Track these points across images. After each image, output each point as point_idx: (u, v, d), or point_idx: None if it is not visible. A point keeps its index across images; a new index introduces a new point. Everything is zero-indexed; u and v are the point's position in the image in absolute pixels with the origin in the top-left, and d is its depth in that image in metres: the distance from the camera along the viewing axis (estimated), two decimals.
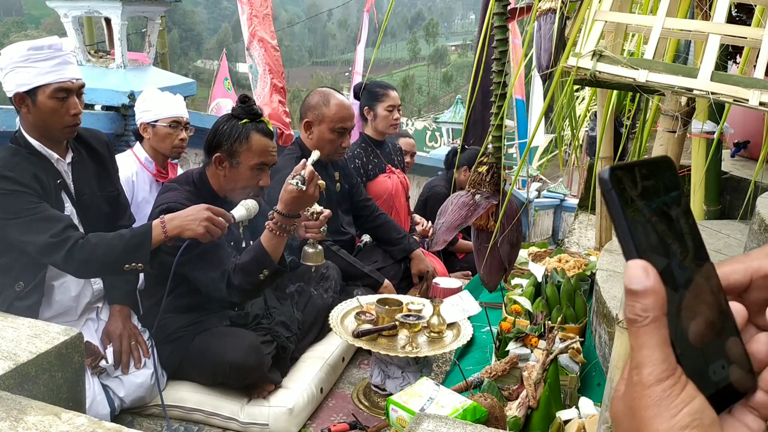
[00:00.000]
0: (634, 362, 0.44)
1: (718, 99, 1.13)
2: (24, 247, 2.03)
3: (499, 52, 1.44)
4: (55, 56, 2.12)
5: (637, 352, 0.43)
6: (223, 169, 2.32)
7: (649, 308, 0.43)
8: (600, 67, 1.17)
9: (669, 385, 0.42)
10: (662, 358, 0.42)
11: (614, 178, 0.44)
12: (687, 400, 0.42)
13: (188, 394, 2.32)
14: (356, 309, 2.50)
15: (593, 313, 2.37)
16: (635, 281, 0.43)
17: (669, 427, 0.41)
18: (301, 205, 2.17)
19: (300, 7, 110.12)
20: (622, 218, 0.44)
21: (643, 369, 0.43)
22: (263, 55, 4.07)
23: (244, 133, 2.27)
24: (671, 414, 0.42)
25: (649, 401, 0.42)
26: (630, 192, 0.45)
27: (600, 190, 0.45)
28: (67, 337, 1.68)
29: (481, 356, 2.42)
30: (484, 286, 1.58)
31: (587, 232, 3.95)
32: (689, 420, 0.41)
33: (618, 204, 0.44)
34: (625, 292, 0.44)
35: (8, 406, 1.38)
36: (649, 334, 0.43)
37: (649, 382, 0.42)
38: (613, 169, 0.45)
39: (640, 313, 0.43)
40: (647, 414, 0.42)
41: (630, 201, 0.44)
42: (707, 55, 1.15)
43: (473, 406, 1.66)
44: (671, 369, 0.42)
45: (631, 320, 0.43)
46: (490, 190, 1.45)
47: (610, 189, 0.44)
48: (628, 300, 0.44)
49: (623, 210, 0.44)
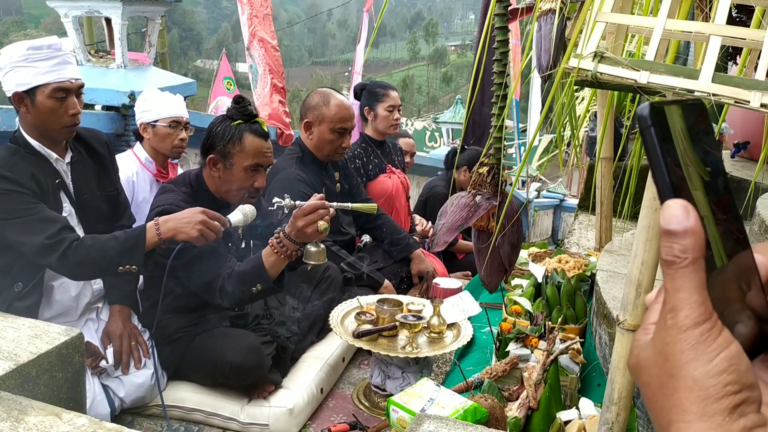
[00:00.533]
0: (669, 305, 0.42)
1: (719, 100, 1.13)
2: (20, 248, 2.03)
3: (500, 53, 1.44)
4: (54, 56, 2.11)
5: (674, 295, 0.42)
6: (217, 171, 2.31)
7: (689, 249, 0.41)
8: (601, 69, 1.17)
9: (706, 329, 0.41)
10: (700, 301, 0.41)
11: (654, 114, 0.43)
12: (724, 344, 0.41)
13: (188, 394, 2.32)
14: (356, 309, 2.50)
15: (593, 314, 2.37)
16: (674, 221, 0.42)
17: (706, 371, 0.40)
18: (310, 237, 2.15)
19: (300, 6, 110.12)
20: (659, 157, 0.43)
21: (679, 312, 0.41)
22: (263, 55, 4.07)
23: (238, 135, 2.26)
24: (708, 358, 0.40)
25: (684, 345, 0.41)
26: (669, 131, 0.43)
27: (638, 125, 0.44)
28: (68, 337, 1.68)
29: (481, 357, 2.42)
30: (485, 286, 1.58)
31: (587, 233, 3.95)
32: (726, 365, 0.40)
33: (656, 141, 0.43)
34: (661, 234, 0.42)
35: (9, 406, 1.38)
36: (687, 276, 0.41)
37: (686, 326, 0.41)
38: (653, 105, 0.43)
39: (679, 254, 0.41)
40: (682, 358, 0.41)
41: (668, 141, 0.43)
42: (708, 57, 1.15)
43: (474, 407, 1.66)
44: (708, 313, 0.41)
45: (669, 262, 0.42)
46: (490, 191, 1.45)
47: (650, 126, 0.43)
48: (665, 241, 0.42)
49: (661, 149, 0.43)
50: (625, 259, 2.45)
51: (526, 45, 1.62)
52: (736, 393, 0.40)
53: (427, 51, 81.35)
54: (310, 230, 2.11)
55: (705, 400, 0.40)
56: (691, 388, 0.40)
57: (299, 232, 2.12)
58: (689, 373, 0.41)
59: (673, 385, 0.41)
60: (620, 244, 2.67)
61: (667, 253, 0.42)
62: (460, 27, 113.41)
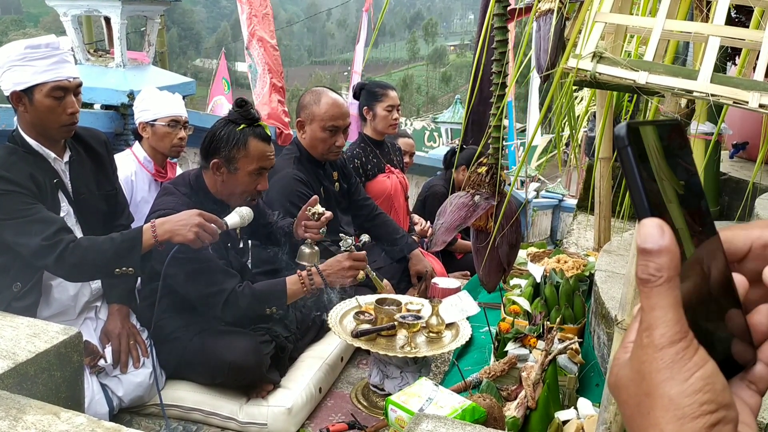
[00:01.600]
0: (645, 324, 0.42)
1: (718, 101, 1.13)
2: (17, 249, 2.03)
3: (498, 53, 1.44)
4: (52, 55, 2.11)
5: (649, 314, 0.42)
6: (220, 175, 2.31)
7: (663, 268, 0.41)
8: (600, 69, 1.18)
9: (682, 348, 0.41)
10: (675, 320, 0.41)
11: (630, 134, 0.44)
12: (700, 363, 0.41)
13: (187, 393, 2.32)
14: (355, 309, 2.50)
15: (592, 314, 2.37)
16: (650, 240, 0.42)
17: (681, 390, 0.40)
18: (343, 279, 2.32)
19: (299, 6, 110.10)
20: (636, 175, 0.43)
21: (654, 330, 0.41)
22: (262, 55, 4.07)
23: (242, 140, 2.26)
24: (684, 377, 0.40)
25: (660, 364, 0.41)
26: (644, 150, 0.44)
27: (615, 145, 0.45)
28: (67, 336, 1.68)
29: (479, 356, 2.42)
30: (483, 286, 1.58)
31: (586, 233, 3.95)
32: (702, 384, 0.40)
33: (632, 161, 0.43)
34: (638, 252, 0.43)
35: (7, 405, 1.37)
36: (662, 294, 0.41)
37: (662, 344, 0.41)
38: (629, 126, 0.44)
39: (654, 272, 0.42)
40: (658, 377, 0.41)
41: (644, 159, 0.44)
42: (707, 57, 1.15)
43: (472, 407, 1.66)
44: (684, 331, 0.41)
45: (644, 280, 0.42)
46: (489, 191, 1.45)
47: (626, 146, 0.43)
48: (641, 259, 0.42)
49: (637, 167, 0.43)
50: (624, 259, 2.45)
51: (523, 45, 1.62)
52: (712, 412, 0.40)
53: (426, 51, 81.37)
54: (350, 273, 2.31)
55: (681, 419, 0.40)
56: (667, 408, 0.40)
57: (341, 272, 2.31)
58: (665, 392, 0.41)
59: (649, 403, 0.41)
60: (619, 244, 2.67)
61: (643, 271, 0.42)
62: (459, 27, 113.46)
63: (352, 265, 2.33)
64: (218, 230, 2.11)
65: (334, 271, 2.32)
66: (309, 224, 2.46)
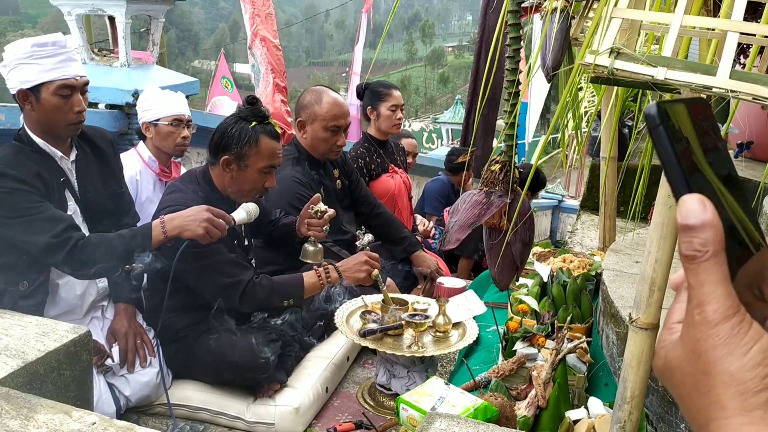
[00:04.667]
0: (696, 301, 0.41)
1: (737, 97, 1.13)
2: (25, 247, 2.02)
3: (512, 50, 1.43)
4: (59, 53, 2.10)
5: (698, 290, 0.41)
6: (230, 171, 2.31)
7: (709, 242, 0.41)
8: (618, 65, 1.17)
9: (737, 322, 0.40)
10: (726, 294, 0.41)
11: (661, 113, 0.44)
12: (756, 337, 0.40)
13: (194, 393, 2.31)
14: (361, 308, 2.49)
15: (600, 313, 2.37)
16: (692, 215, 0.41)
17: (741, 365, 0.39)
18: (359, 276, 2.41)
19: (297, 7, 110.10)
20: (671, 153, 0.43)
21: (706, 306, 0.41)
22: (265, 54, 4.06)
23: (254, 137, 2.26)
24: (742, 352, 0.40)
25: (717, 340, 0.40)
26: (675, 128, 0.44)
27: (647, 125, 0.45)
28: (76, 335, 1.67)
29: (487, 356, 2.41)
30: (496, 285, 1.57)
31: (589, 233, 3.95)
32: (761, 357, 0.39)
33: (666, 139, 0.43)
34: (680, 229, 0.42)
35: (18, 404, 1.37)
36: (710, 270, 0.41)
37: (716, 320, 0.40)
38: (659, 105, 0.44)
39: (699, 248, 0.41)
40: (715, 354, 0.40)
41: (676, 137, 0.44)
42: (726, 53, 1.14)
43: (484, 405, 1.65)
44: (736, 305, 0.41)
45: (690, 257, 0.42)
46: (502, 189, 1.45)
47: (658, 124, 0.44)
48: (685, 236, 0.42)
49: (672, 145, 0.43)
50: (632, 258, 2.45)
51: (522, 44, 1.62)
52: None
53: (424, 52, 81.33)
54: (365, 269, 2.40)
55: (744, 395, 0.39)
56: (728, 384, 0.40)
57: (356, 266, 2.40)
58: (724, 368, 0.40)
59: (708, 382, 0.41)
60: (626, 243, 2.67)
61: (688, 248, 0.42)
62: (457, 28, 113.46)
63: (368, 261, 2.42)
64: (226, 225, 2.11)
65: (351, 266, 2.41)
66: (312, 222, 2.46)
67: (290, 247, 2.57)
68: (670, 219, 1.30)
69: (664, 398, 1.75)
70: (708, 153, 0.44)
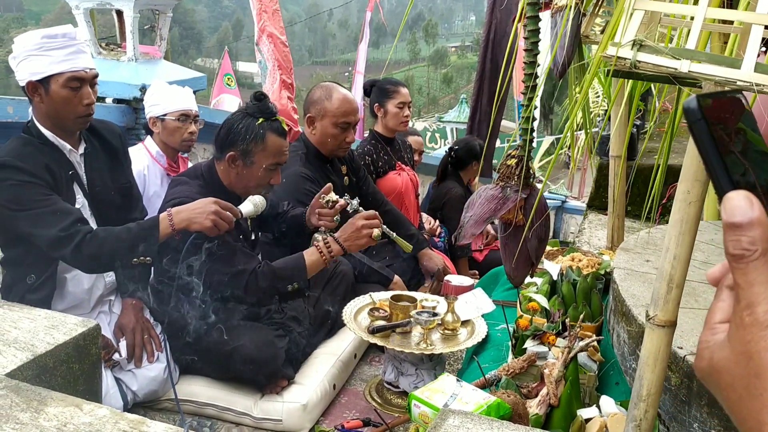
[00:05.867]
0: (745, 301, 0.40)
1: (762, 91, 1.11)
2: (33, 240, 2.00)
3: (530, 43, 1.42)
4: (69, 45, 2.09)
5: (748, 290, 0.40)
6: (236, 168, 2.29)
7: (757, 240, 0.39)
8: (640, 57, 1.15)
9: None
10: None
11: (702, 107, 0.42)
12: None
13: (201, 388, 2.30)
14: (369, 305, 2.48)
15: (610, 312, 2.35)
16: (738, 213, 0.40)
17: None
18: (361, 242, 2.29)
19: (300, 6, 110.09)
20: (713, 149, 0.42)
21: (757, 307, 0.39)
22: (272, 51, 4.05)
23: (261, 134, 2.24)
24: None
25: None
26: (717, 122, 0.42)
27: (686, 120, 0.43)
28: (85, 328, 1.66)
29: (496, 354, 2.39)
30: (510, 281, 1.56)
31: (597, 232, 3.94)
32: None
33: (708, 134, 0.42)
34: (725, 227, 0.40)
35: (28, 397, 1.35)
36: (759, 269, 0.39)
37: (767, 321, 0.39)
38: (699, 98, 0.42)
39: (748, 246, 0.39)
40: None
41: (718, 132, 0.42)
42: (750, 46, 1.13)
43: (497, 403, 1.64)
44: None
45: (738, 256, 0.40)
46: (518, 184, 1.43)
47: (700, 119, 0.42)
48: (731, 235, 0.40)
49: (714, 140, 0.42)
50: (642, 257, 2.43)
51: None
52: None
53: (427, 52, 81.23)
54: (365, 233, 2.28)
55: None
56: None
57: (355, 233, 2.28)
58: None
59: (761, 385, 0.39)
60: (636, 242, 2.65)
61: (735, 246, 0.40)
62: (460, 28, 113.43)
63: (365, 224, 2.29)
64: (233, 218, 2.10)
65: (349, 234, 2.30)
66: (323, 212, 2.44)
67: (300, 238, 2.55)
68: (689, 215, 1.29)
69: (677, 397, 1.73)
70: (748, 147, 0.43)
